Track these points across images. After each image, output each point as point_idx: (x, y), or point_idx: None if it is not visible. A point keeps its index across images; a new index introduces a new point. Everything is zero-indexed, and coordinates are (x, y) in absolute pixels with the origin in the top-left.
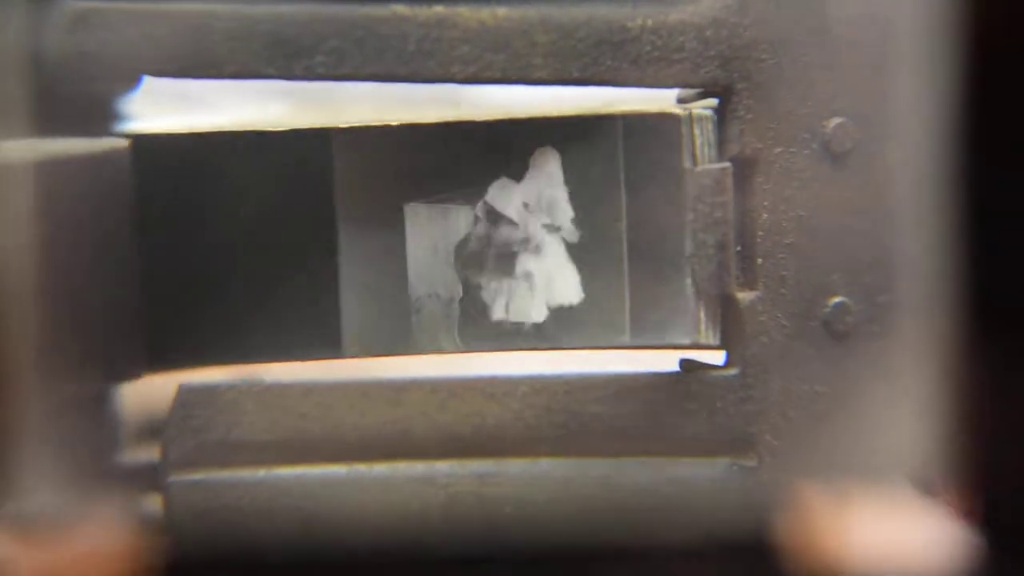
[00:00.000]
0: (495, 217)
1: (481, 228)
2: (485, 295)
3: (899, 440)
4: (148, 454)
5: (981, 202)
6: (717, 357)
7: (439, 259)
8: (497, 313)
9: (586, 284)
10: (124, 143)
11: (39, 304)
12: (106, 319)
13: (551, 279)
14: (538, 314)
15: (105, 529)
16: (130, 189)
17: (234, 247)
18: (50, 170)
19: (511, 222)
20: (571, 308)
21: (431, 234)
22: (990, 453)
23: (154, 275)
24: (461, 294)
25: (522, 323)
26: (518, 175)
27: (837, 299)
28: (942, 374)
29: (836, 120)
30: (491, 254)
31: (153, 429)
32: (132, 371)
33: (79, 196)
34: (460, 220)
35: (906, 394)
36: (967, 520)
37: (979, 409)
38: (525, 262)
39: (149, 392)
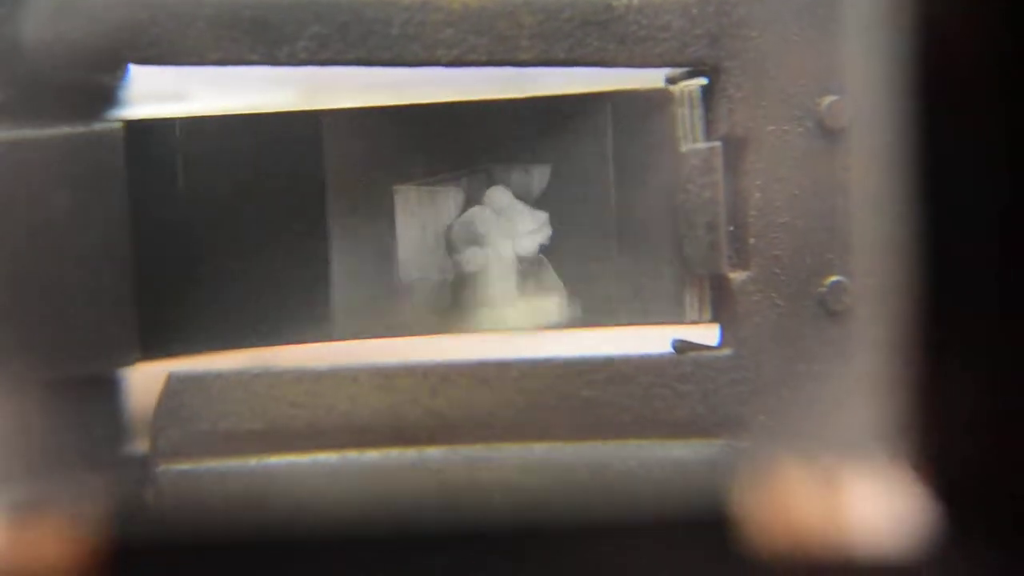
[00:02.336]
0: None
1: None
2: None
3: (890, 422)
4: (138, 443)
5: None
6: (710, 334)
7: (429, 242)
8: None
9: (577, 265)
10: (118, 126)
11: (26, 288)
12: (97, 305)
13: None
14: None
15: (92, 516)
16: (123, 173)
17: (223, 231)
18: (37, 151)
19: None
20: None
21: (421, 217)
22: (956, 429)
23: (143, 260)
24: (452, 277)
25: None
26: (506, 157)
27: (833, 278)
28: (917, 352)
29: (830, 98)
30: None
31: (143, 418)
32: (124, 358)
33: (68, 179)
34: (450, 203)
35: (895, 372)
36: (933, 492)
37: (949, 386)
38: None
39: (139, 380)
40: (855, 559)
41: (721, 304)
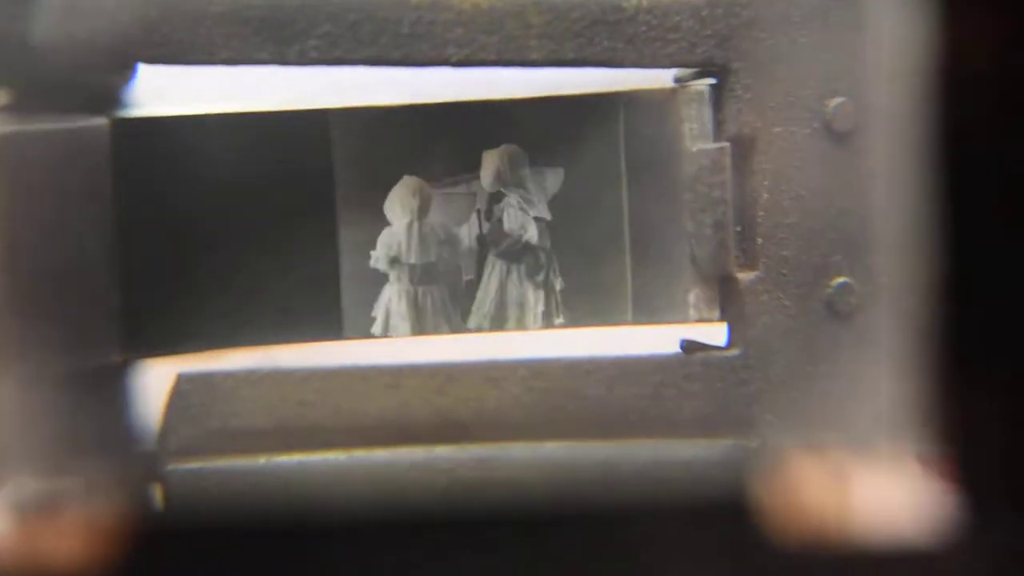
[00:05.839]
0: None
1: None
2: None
3: (900, 418)
4: (146, 442)
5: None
6: (718, 334)
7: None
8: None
9: (588, 265)
10: (103, 122)
11: (17, 283)
12: (94, 302)
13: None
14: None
15: (100, 513)
16: (110, 169)
17: (233, 229)
18: (23, 145)
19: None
20: (572, 290)
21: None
22: (974, 422)
23: (151, 258)
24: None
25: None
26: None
27: (840, 279)
28: (931, 347)
29: (837, 100)
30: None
31: (150, 415)
32: (124, 354)
33: (56, 173)
34: (462, 205)
35: (906, 371)
36: (953, 485)
37: (965, 381)
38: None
39: (147, 377)
40: (871, 549)
41: (729, 304)
